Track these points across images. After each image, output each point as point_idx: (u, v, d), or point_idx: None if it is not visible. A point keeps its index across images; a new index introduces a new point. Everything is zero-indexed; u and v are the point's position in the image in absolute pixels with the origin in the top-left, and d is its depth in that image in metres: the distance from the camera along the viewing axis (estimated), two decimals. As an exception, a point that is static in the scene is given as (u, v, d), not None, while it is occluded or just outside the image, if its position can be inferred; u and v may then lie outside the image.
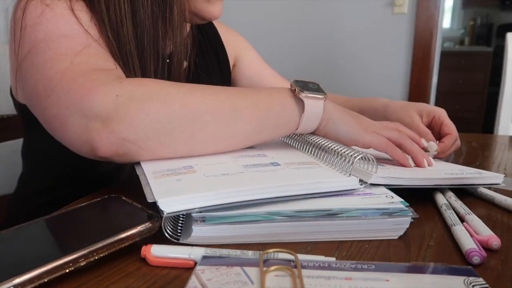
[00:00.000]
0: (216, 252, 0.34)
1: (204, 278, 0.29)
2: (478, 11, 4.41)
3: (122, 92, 0.43)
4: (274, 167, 0.45)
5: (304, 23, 2.27)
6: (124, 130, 0.42)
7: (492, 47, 4.08)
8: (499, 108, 1.50)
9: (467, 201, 0.48)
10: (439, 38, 2.20)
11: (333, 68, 2.26)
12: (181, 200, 0.36)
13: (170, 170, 0.43)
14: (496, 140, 0.89)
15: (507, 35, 1.48)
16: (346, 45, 2.22)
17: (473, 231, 0.39)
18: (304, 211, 0.37)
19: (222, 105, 0.46)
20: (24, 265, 0.29)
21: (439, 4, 2.04)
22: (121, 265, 0.34)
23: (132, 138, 0.43)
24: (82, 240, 0.33)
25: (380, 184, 0.44)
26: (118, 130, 0.42)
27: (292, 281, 0.29)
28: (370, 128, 0.51)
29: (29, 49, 0.50)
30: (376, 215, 0.38)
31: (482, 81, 4.01)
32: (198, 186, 0.38)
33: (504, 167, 0.65)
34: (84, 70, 0.47)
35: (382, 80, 2.19)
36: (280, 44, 2.34)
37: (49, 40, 0.50)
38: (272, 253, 0.33)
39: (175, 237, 0.37)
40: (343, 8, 2.18)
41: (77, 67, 0.47)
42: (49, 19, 0.51)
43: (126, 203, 0.40)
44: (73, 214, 0.39)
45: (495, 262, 0.35)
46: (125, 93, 0.43)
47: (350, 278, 0.30)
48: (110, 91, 0.43)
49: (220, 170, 0.43)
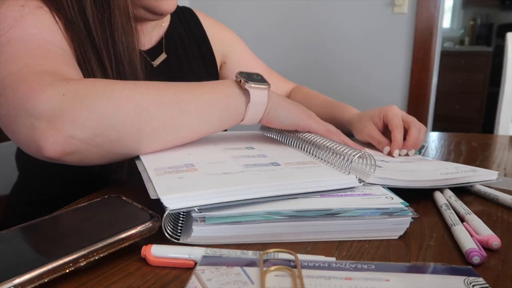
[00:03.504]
0: (216, 252, 0.34)
1: (204, 278, 0.29)
2: (478, 11, 4.41)
3: (68, 91, 0.43)
4: (274, 166, 0.45)
5: (303, 23, 2.27)
6: (70, 128, 0.42)
7: (492, 47, 4.08)
8: (499, 108, 1.50)
9: (467, 201, 0.48)
10: (439, 38, 2.21)
11: (332, 69, 2.26)
12: (184, 198, 0.36)
13: (171, 167, 0.43)
14: (496, 140, 0.89)
15: (507, 35, 1.48)
16: (346, 45, 2.22)
17: (473, 231, 0.39)
18: (304, 211, 0.37)
19: (166, 99, 0.47)
20: (24, 265, 0.29)
21: (439, 4, 2.04)
22: (121, 265, 0.34)
23: (80, 135, 0.43)
24: (82, 240, 0.33)
25: (378, 184, 0.44)
26: (64, 128, 0.42)
27: (292, 281, 0.29)
28: (311, 116, 0.55)
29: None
30: (376, 215, 0.38)
31: (482, 81, 4.01)
32: (201, 184, 0.38)
33: (504, 167, 0.65)
34: (36, 72, 0.47)
35: (382, 80, 2.19)
36: (279, 44, 2.34)
37: (8, 44, 0.50)
38: (272, 253, 0.33)
39: (175, 237, 0.37)
40: (343, 8, 2.18)
41: (29, 69, 0.47)
42: (9, 23, 0.51)
43: (126, 203, 0.40)
44: (73, 214, 0.39)
45: (495, 262, 0.35)
46: (70, 92, 0.43)
47: (350, 278, 0.30)
48: (55, 91, 0.43)
49: (221, 169, 0.43)
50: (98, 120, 0.43)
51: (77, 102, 0.43)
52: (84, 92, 0.44)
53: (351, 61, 2.23)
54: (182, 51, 0.79)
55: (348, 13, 2.18)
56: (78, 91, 0.44)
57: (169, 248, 0.34)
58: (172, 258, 0.33)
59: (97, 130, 0.43)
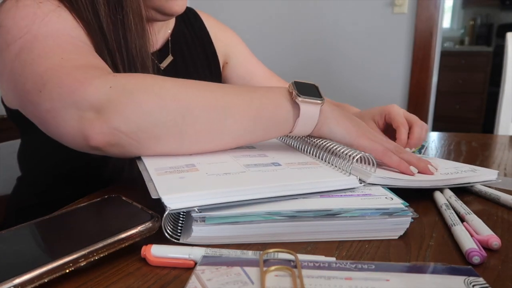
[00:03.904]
0: (216, 252, 0.34)
1: (204, 278, 0.29)
2: (478, 11, 4.41)
3: (115, 84, 0.43)
4: (275, 167, 0.45)
5: (304, 23, 2.27)
6: (116, 120, 0.42)
7: (492, 47, 4.08)
8: (499, 108, 1.50)
9: (467, 201, 0.48)
10: (439, 38, 2.21)
11: (333, 68, 2.26)
12: (185, 197, 0.36)
13: (172, 167, 0.43)
14: (496, 140, 0.89)
15: (507, 35, 1.48)
16: (346, 45, 2.22)
17: (473, 231, 0.39)
18: (304, 211, 0.37)
19: (213, 102, 0.46)
20: (24, 265, 0.29)
21: (439, 4, 2.04)
22: (121, 265, 0.34)
23: (124, 128, 0.43)
24: (82, 240, 0.33)
25: (379, 184, 0.44)
26: (111, 120, 0.42)
27: (292, 281, 0.29)
28: (366, 134, 0.50)
29: (16, 51, 0.50)
30: (376, 215, 0.38)
31: (482, 81, 4.01)
32: (202, 184, 0.38)
33: (504, 167, 0.65)
34: (76, 65, 0.47)
35: (382, 80, 2.19)
36: (279, 44, 2.34)
37: (35, 41, 0.49)
38: (272, 253, 0.33)
39: (175, 237, 0.37)
40: (343, 8, 2.18)
41: (68, 63, 0.47)
42: (32, 19, 0.51)
43: (126, 203, 0.40)
44: (73, 214, 0.39)
45: (495, 262, 0.35)
46: (118, 85, 0.43)
47: (350, 278, 0.30)
48: (103, 83, 0.43)
49: (222, 169, 0.43)
50: (143, 116, 0.43)
51: (124, 95, 0.43)
52: (132, 86, 0.44)
53: (351, 61, 2.23)
54: (187, 53, 0.79)
55: (348, 13, 2.18)
56: (126, 84, 0.44)
57: (169, 248, 0.34)
58: (172, 258, 0.33)
59: (141, 126, 0.43)
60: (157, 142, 0.45)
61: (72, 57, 0.48)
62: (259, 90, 0.50)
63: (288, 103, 0.49)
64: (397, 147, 0.51)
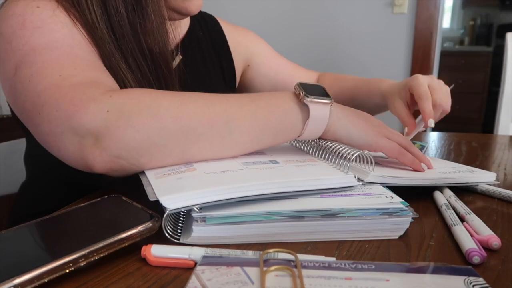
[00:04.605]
0: (216, 252, 0.34)
1: (204, 278, 0.29)
2: (478, 11, 4.41)
3: (112, 106, 0.42)
4: (273, 164, 0.45)
5: (304, 23, 2.27)
6: (116, 148, 0.42)
7: (492, 47, 4.08)
8: (499, 108, 1.50)
9: (467, 201, 0.48)
10: (439, 38, 2.21)
11: (333, 68, 2.26)
12: (182, 197, 0.36)
13: (171, 169, 0.43)
14: (496, 140, 0.89)
15: (507, 35, 1.48)
16: (346, 45, 2.22)
17: (473, 231, 0.39)
18: (304, 211, 0.37)
19: (215, 116, 0.44)
20: (24, 265, 0.29)
21: (439, 4, 2.04)
22: (121, 265, 0.34)
23: (125, 155, 0.43)
24: (82, 240, 0.33)
25: (377, 182, 0.44)
26: (111, 148, 0.42)
27: (292, 281, 0.29)
28: (382, 132, 0.50)
29: (15, 63, 0.49)
30: (376, 215, 0.38)
31: (482, 81, 4.01)
32: (199, 183, 0.38)
33: (504, 167, 0.65)
34: (73, 84, 0.46)
35: (382, 80, 2.18)
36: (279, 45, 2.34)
37: (34, 54, 0.48)
38: (272, 253, 0.33)
39: (175, 237, 0.37)
40: (343, 8, 2.18)
41: (65, 82, 0.46)
42: (30, 31, 0.50)
43: (126, 203, 0.40)
44: (73, 214, 0.39)
45: (495, 262, 0.35)
46: (115, 107, 0.42)
47: (350, 278, 0.30)
48: (100, 107, 0.42)
49: (219, 167, 0.43)
50: (143, 141, 0.42)
51: (122, 120, 0.42)
52: (129, 108, 0.42)
53: (351, 61, 2.23)
54: (199, 55, 0.78)
55: (348, 13, 2.18)
56: (123, 106, 0.43)
57: (169, 248, 0.34)
58: (172, 258, 0.33)
59: (141, 150, 0.43)
60: (160, 161, 0.44)
61: (70, 73, 0.47)
62: (263, 97, 0.48)
63: (296, 105, 0.47)
64: (408, 142, 0.51)
